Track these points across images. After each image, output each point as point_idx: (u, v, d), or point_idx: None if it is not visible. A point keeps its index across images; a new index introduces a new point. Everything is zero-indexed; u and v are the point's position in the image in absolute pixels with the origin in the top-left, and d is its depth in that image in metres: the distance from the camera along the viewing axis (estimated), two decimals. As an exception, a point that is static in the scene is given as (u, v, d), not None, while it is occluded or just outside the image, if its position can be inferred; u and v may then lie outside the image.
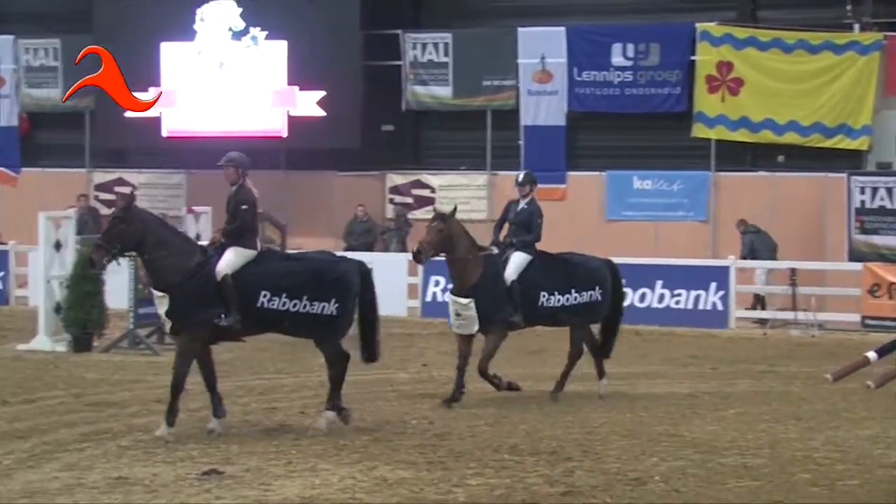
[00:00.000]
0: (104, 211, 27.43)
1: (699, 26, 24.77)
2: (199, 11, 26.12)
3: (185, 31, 26.12)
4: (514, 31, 25.75)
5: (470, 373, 14.10)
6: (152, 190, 27.85)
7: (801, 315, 22.28)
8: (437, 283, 23.11)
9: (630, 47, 25.26)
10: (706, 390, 15.44)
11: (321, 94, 25.60)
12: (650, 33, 25.33)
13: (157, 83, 26.08)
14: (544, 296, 14.18)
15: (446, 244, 13.99)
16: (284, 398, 14.15)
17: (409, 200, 26.68)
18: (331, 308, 11.99)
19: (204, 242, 12.97)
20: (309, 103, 25.69)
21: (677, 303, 22.84)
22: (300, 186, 25.99)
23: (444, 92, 26.45)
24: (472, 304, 13.88)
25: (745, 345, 20.72)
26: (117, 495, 9.63)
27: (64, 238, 19.22)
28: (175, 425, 11.84)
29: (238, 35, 25.98)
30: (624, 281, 15.57)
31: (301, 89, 25.77)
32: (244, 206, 12.13)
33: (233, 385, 15.13)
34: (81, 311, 18.44)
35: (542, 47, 25.61)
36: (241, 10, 25.96)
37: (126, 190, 26.36)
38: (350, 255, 14.47)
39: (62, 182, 27.71)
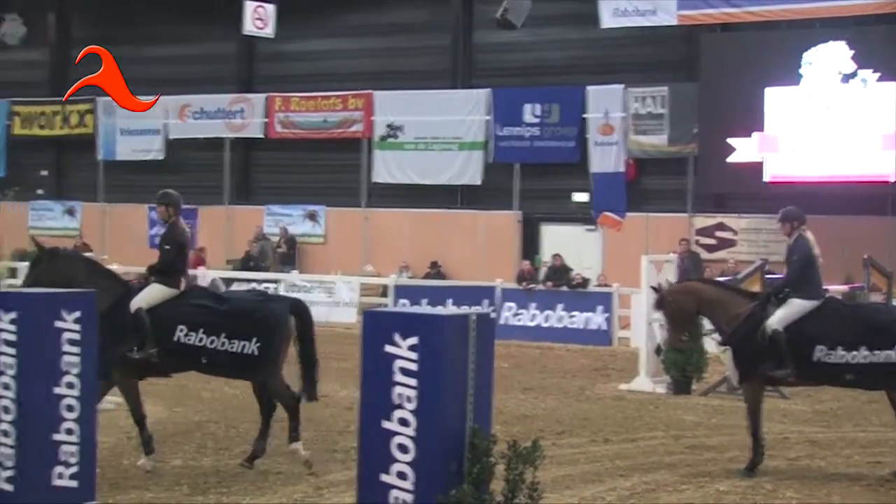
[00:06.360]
0: (705, 255, 27.67)
1: None
2: (806, 55, 25.77)
3: (790, 75, 25.85)
4: None
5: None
6: (753, 235, 27.74)
7: None
8: None
9: None
10: None
11: (933, 136, 24.44)
12: None
13: (759, 128, 26.06)
14: (821, 350, 12.09)
15: (684, 317, 12.92)
16: (890, 452, 13.48)
17: None
18: (251, 347, 11.73)
19: None
20: (921, 147, 24.61)
21: None
22: (909, 233, 24.88)
23: None
24: (729, 354, 12.51)
25: None
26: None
27: (665, 282, 19.53)
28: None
29: (847, 78, 25.35)
30: None
31: (909, 133, 24.72)
32: (167, 246, 12.22)
33: (835, 436, 14.69)
34: (681, 354, 18.59)
35: None
36: (852, 52, 25.32)
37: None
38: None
39: (665, 226, 28.24)
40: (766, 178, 26.23)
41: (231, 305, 12.12)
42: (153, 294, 12.12)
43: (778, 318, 12.23)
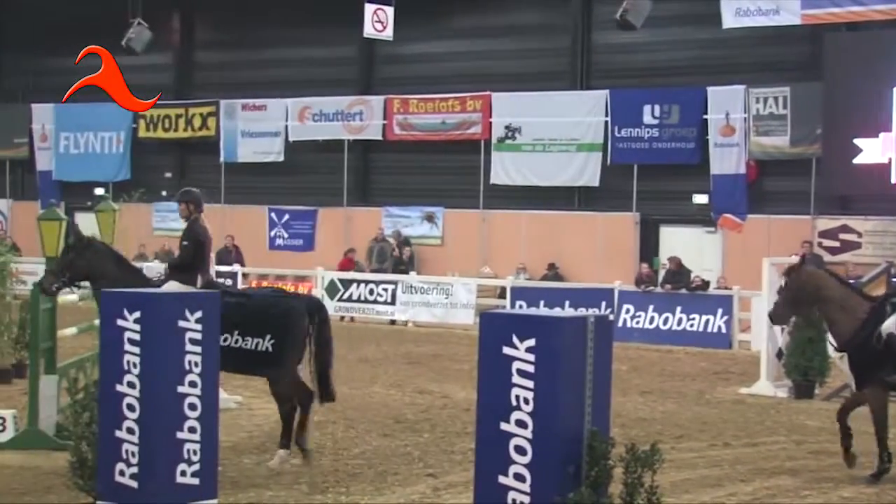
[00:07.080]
0: (828, 258, 27.17)
1: None
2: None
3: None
4: None
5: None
6: (877, 237, 27.18)
7: None
8: None
9: None
10: None
11: None
12: None
13: (888, 129, 25.50)
14: None
15: (801, 300, 12.57)
16: None
17: None
18: (265, 345, 11.81)
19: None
20: None
21: None
22: None
23: None
24: (845, 359, 12.15)
25: None
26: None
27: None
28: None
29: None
30: None
31: None
32: (185, 243, 12.50)
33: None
34: (803, 357, 18.33)
35: None
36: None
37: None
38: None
39: (786, 228, 27.81)
40: (894, 179, 25.67)
41: (244, 303, 12.18)
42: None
43: (892, 323, 11.97)
